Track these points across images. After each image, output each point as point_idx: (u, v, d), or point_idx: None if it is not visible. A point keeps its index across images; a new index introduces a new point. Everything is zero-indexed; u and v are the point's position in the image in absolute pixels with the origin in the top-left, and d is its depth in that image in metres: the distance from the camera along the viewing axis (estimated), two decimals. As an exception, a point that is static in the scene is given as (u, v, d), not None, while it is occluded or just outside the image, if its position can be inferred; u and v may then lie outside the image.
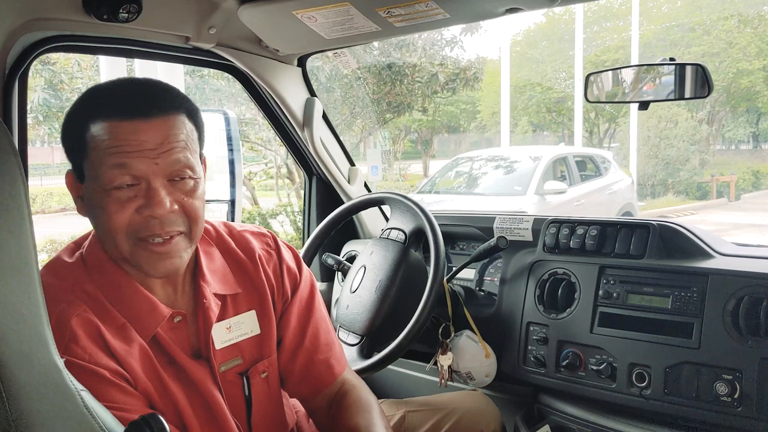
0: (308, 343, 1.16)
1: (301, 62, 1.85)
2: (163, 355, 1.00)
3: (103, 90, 1.00)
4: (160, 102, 0.97)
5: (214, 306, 1.06)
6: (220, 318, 1.07)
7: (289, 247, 1.22)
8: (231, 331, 1.08)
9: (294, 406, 1.28)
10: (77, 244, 1.05)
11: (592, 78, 1.56)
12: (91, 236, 1.04)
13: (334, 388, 1.17)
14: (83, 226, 1.08)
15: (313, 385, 1.16)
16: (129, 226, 0.94)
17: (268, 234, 1.20)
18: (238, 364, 1.08)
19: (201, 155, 1.06)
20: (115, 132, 0.93)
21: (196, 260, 1.08)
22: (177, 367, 1.01)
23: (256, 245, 1.16)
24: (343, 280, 1.81)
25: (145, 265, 0.97)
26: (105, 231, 0.96)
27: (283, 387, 1.18)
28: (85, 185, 0.97)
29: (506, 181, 8.43)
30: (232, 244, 1.14)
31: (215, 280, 1.08)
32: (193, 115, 1.01)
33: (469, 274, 1.84)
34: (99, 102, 0.97)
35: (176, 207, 0.96)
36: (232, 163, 1.88)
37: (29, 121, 1.47)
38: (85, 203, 0.99)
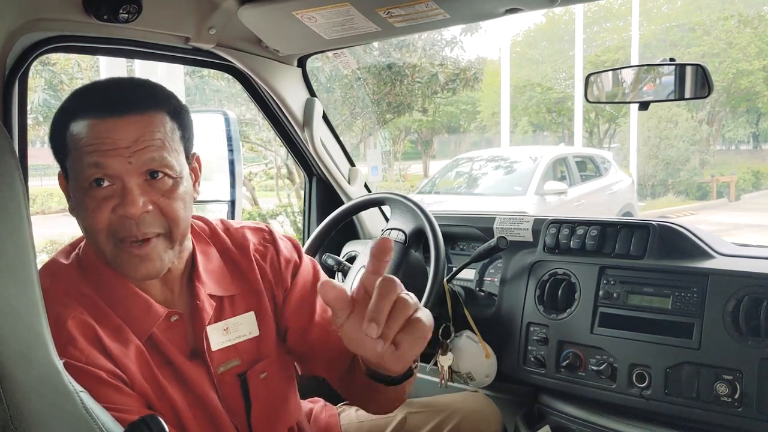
0: (319, 318, 1.14)
1: (301, 63, 1.85)
2: (159, 356, 1.00)
3: (84, 90, 1.01)
4: (137, 100, 0.96)
5: (208, 307, 1.05)
6: (217, 319, 1.06)
7: (288, 238, 1.21)
8: (228, 332, 1.07)
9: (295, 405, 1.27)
10: (73, 246, 1.05)
11: (592, 78, 1.56)
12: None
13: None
14: (83, 226, 1.08)
15: (337, 354, 1.13)
16: (108, 226, 0.94)
17: (266, 228, 1.19)
18: (236, 366, 1.08)
19: (191, 155, 1.05)
20: (91, 130, 0.93)
21: (192, 260, 1.07)
22: (173, 368, 1.01)
23: (253, 241, 1.15)
24: (343, 281, 1.81)
25: (125, 267, 0.96)
26: (87, 231, 0.96)
27: (306, 368, 1.18)
28: (70, 184, 0.97)
29: (506, 182, 8.44)
30: (229, 242, 1.13)
31: (211, 281, 1.07)
32: (177, 114, 1.00)
33: (469, 274, 1.83)
34: (79, 101, 0.97)
35: (150, 207, 0.94)
36: (232, 163, 1.88)
37: (29, 121, 1.46)
38: (71, 203, 0.99)
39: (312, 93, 1.90)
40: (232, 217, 1.89)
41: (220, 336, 1.06)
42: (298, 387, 1.22)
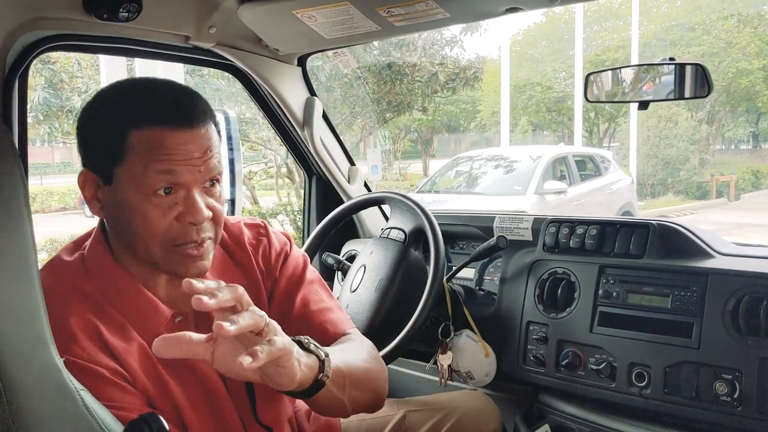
0: (297, 312, 1.15)
1: (301, 62, 1.85)
2: None
3: (141, 95, 0.99)
4: (201, 112, 0.99)
5: None
6: None
7: (282, 233, 1.22)
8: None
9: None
10: (77, 245, 1.04)
11: (592, 78, 1.56)
12: (93, 236, 1.03)
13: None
14: (83, 225, 1.09)
15: None
16: (167, 232, 0.96)
17: (261, 224, 1.21)
18: None
19: None
20: (163, 141, 0.93)
21: None
22: (178, 366, 1.01)
23: (248, 235, 1.17)
24: (343, 280, 1.81)
25: (178, 268, 0.98)
26: (138, 236, 0.96)
27: None
28: (112, 188, 0.96)
29: (506, 181, 8.43)
30: (227, 237, 1.15)
31: (215, 277, 1.08)
32: (216, 121, 1.04)
33: (468, 273, 1.83)
34: (140, 108, 0.96)
35: (210, 213, 0.98)
36: (232, 162, 1.88)
37: (29, 120, 1.47)
38: (107, 206, 0.98)
39: (312, 92, 1.90)
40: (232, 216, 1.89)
41: None
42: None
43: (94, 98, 1.01)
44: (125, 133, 0.94)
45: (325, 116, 1.93)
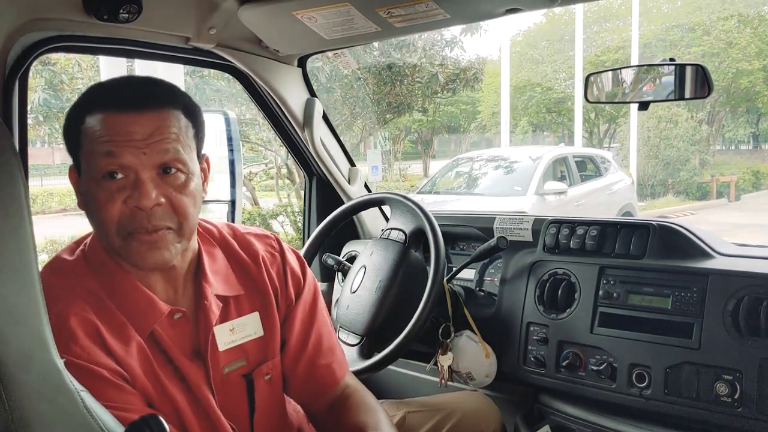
0: (311, 348, 1.16)
1: (302, 63, 1.85)
2: (161, 354, 1.00)
3: (101, 86, 1.03)
4: (154, 96, 0.98)
5: (215, 307, 1.05)
6: (223, 319, 1.06)
7: (293, 251, 1.22)
8: (234, 332, 1.07)
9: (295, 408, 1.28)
10: (78, 243, 1.05)
11: (592, 78, 1.56)
12: (92, 233, 1.04)
13: (336, 393, 1.18)
14: (83, 226, 1.08)
15: (315, 389, 1.17)
16: (119, 218, 0.94)
17: (272, 236, 1.20)
18: (242, 366, 1.08)
19: (201, 154, 1.06)
20: (107, 123, 0.94)
21: (198, 260, 1.07)
22: (174, 367, 1.01)
23: (260, 247, 1.16)
24: (343, 281, 1.81)
25: (134, 256, 0.96)
26: (97, 223, 0.97)
27: (285, 390, 1.19)
28: (82, 177, 0.98)
29: (506, 182, 8.43)
30: (236, 245, 1.14)
31: (217, 281, 1.08)
32: (191, 112, 1.02)
33: (469, 274, 1.83)
34: (96, 96, 0.99)
35: (163, 200, 0.95)
36: (232, 163, 1.88)
37: (29, 121, 1.47)
38: (82, 197, 1.00)
39: (312, 93, 1.90)
40: (233, 217, 1.89)
41: (226, 336, 1.06)
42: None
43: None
44: (81, 120, 0.96)
45: (325, 117, 1.93)
